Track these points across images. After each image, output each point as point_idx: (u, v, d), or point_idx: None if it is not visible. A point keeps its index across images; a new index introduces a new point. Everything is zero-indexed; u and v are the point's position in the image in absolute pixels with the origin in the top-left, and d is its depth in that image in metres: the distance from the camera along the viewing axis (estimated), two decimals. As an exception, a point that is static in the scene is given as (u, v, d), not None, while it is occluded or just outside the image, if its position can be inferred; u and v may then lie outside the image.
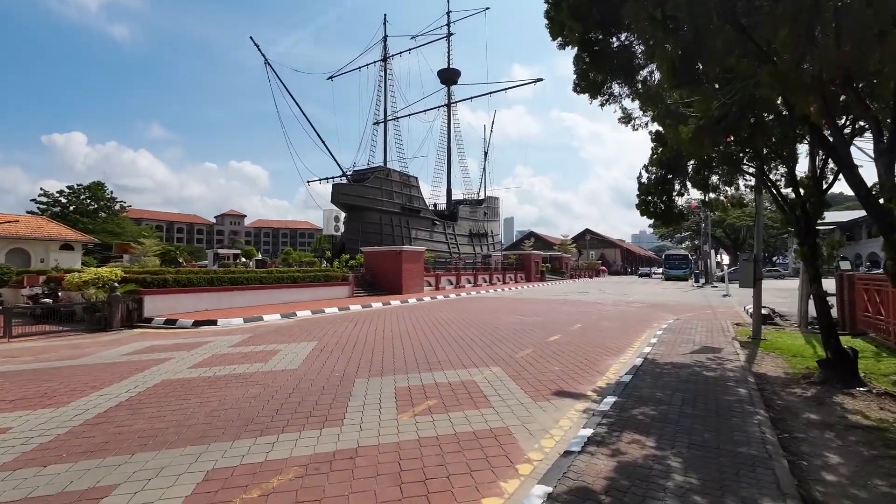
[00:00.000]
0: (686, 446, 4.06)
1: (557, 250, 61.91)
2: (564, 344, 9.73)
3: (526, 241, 78.33)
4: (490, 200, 62.31)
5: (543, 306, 18.27)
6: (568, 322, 13.24)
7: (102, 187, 67.84)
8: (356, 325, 12.62)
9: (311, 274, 20.11)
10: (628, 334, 11.10)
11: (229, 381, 6.58)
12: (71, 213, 62.42)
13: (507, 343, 9.74)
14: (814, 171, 6.82)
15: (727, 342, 9.68)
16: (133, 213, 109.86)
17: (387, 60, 50.84)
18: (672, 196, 7.97)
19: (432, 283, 28.44)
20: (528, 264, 43.16)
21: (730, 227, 67.06)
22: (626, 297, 23.78)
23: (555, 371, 7.28)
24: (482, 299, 22.47)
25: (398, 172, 46.78)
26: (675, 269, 49.21)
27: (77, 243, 31.46)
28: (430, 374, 7.01)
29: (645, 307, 18.05)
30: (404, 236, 44.57)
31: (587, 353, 8.72)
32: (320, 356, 8.34)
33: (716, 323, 12.82)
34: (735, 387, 6.09)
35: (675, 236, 79.39)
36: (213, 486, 3.52)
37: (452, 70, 57.03)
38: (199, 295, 15.38)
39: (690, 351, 8.58)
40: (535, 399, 5.83)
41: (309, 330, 11.60)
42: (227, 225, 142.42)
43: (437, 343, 9.71)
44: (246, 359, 8.12)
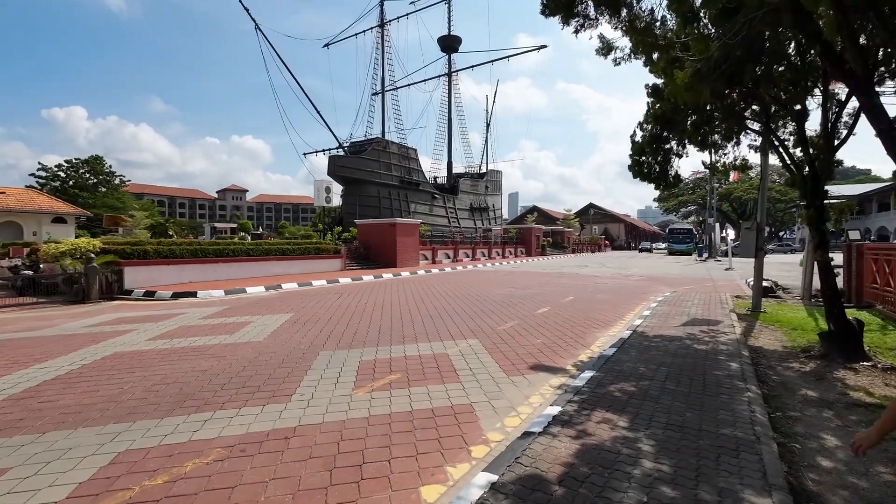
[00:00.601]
0: (663, 427, 3.59)
1: (560, 225, 61.12)
2: (552, 316, 9.27)
3: (529, 215, 77.40)
4: (492, 174, 61.09)
5: (538, 279, 17.79)
6: (560, 294, 12.76)
7: (101, 161, 67.28)
8: (340, 297, 12.20)
9: (302, 246, 19.63)
10: (621, 307, 10.61)
11: (184, 354, 6.16)
12: (70, 188, 62.12)
13: (491, 315, 9.28)
14: (825, 126, 6.13)
15: (724, 314, 9.17)
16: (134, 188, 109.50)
17: (384, 26, 48.94)
18: (669, 157, 7.30)
19: (428, 256, 27.96)
20: (528, 238, 42.54)
21: (737, 201, 65.85)
22: (626, 270, 23.24)
23: (536, 344, 6.82)
24: (477, 273, 22.01)
25: (397, 144, 45.73)
26: (679, 243, 48.48)
27: (70, 216, 31.07)
28: (402, 347, 6.57)
29: (643, 280, 17.52)
30: (403, 209, 43.88)
31: (574, 326, 8.25)
32: (291, 328, 7.92)
33: (714, 295, 12.29)
34: (726, 361, 5.60)
35: (680, 210, 78.24)
36: (117, 469, 3.10)
37: (453, 37, 55.00)
38: (182, 267, 14.97)
39: (683, 323, 8.08)
40: (509, 374, 5.38)
41: (289, 302, 11.20)
42: (229, 200, 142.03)
43: (418, 315, 9.27)
44: (212, 331, 7.72)
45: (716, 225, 39.42)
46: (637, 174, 7.29)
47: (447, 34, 54.22)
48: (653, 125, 6.91)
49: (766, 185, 10.09)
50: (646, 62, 5.76)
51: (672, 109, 6.57)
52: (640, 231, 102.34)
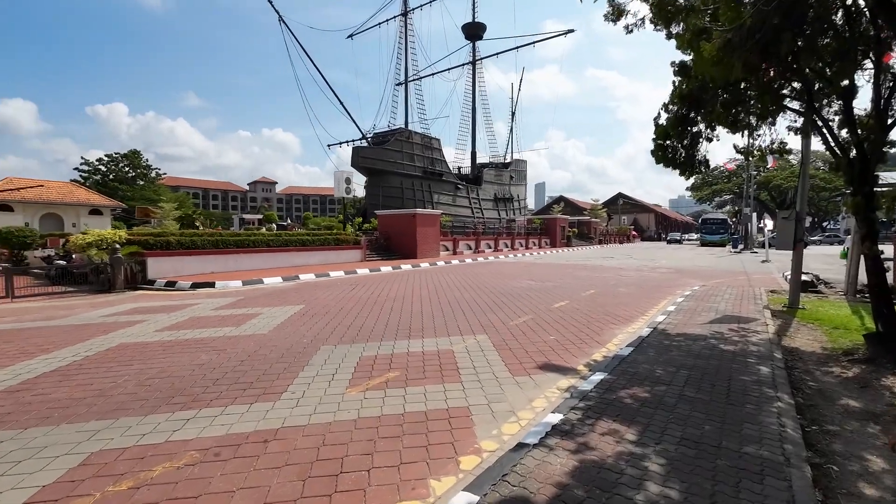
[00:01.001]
0: (676, 442, 3.19)
1: (587, 215, 59.63)
2: (569, 311, 8.83)
3: (555, 205, 75.93)
4: (517, 163, 60.02)
5: (559, 271, 17.24)
6: (581, 288, 12.25)
7: (139, 155, 70.10)
8: (354, 288, 12.08)
9: (322, 237, 19.69)
10: (644, 301, 10.05)
11: (186, 347, 6.10)
12: (110, 181, 65.04)
13: (505, 309, 8.93)
14: (877, 103, 5.44)
15: (757, 311, 8.52)
16: (171, 181, 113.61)
17: (407, 15, 48.41)
18: (696, 140, 6.71)
19: (449, 247, 27.67)
20: (553, 229, 41.65)
21: (776, 189, 62.58)
22: (653, 262, 22.31)
23: (548, 341, 6.45)
24: (498, 264, 21.59)
25: (419, 134, 45.39)
26: (713, 233, 46.41)
27: (106, 208, 32.31)
28: (406, 343, 6.32)
29: (671, 273, 16.72)
30: (426, 200, 43.68)
31: (591, 322, 7.81)
32: (299, 321, 7.80)
33: (748, 290, 11.52)
34: (756, 364, 5.09)
35: (714, 200, 75.09)
36: (85, 472, 2.96)
37: (477, 24, 54.00)
38: (204, 258, 15.21)
39: (710, 321, 7.52)
40: (515, 373, 5.05)
41: (303, 293, 11.14)
42: (260, 192, 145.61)
43: (429, 308, 9.01)
44: (220, 322, 7.68)
45: (752, 215, 37.50)
46: (660, 159, 6.73)
47: (471, 21, 53.22)
48: (679, 106, 6.33)
49: (807, 171, 9.27)
50: (668, 34, 5.23)
51: (700, 87, 5.98)
52: (672, 221, 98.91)
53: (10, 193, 26.33)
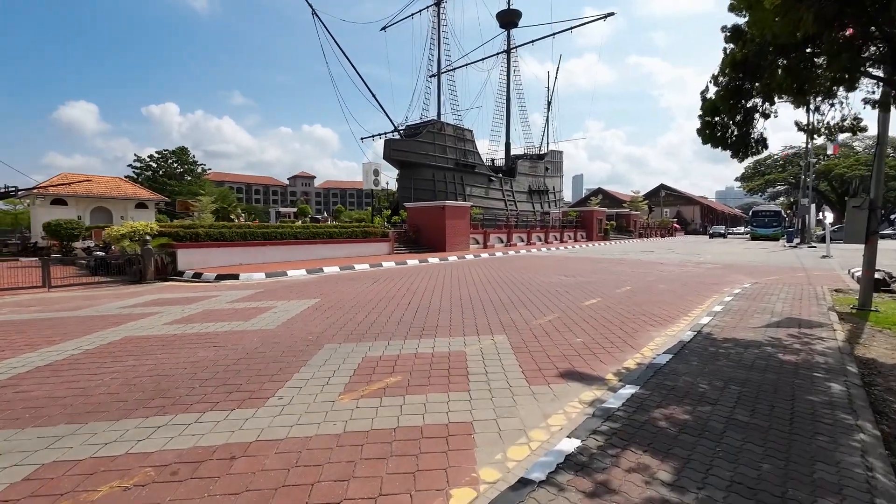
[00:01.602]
0: (725, 487, 2.51)
1: (627, 207, 57.19)
2: (601, 310, 8.07)
3: (592, 197, 73.39)
4: (552, 154, 58.28)
5: (594, 266, 16.27)
6: (615, 284, 11.36)
7: (186, 152, 73.40)
8: (375, 282, 11.72)
9: (350, 230, 19.54)
10: (687, 300, 9.11)
11: (188, 342, 5.86)
12: (160, 177, 68.49)
13: (529, 307, 8.27)
14: None
15: (820, 314, 7.45)
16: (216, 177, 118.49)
17: (440, 4, 47.63)
18: (751, 116, 5.78)
19: (480, 240, 27.00)
20: (589, 222, 40.10)
21: (837, 179, 57.79)
22: (697, 257, 20.80)
23: (574, 344, 5.78)
24: (529, 258, 20.77)
25: (452, 126, 44.69)
26: (765, 227, 43.21)
27: (150, 202, 33.73)
28: (416, 343, 5.82)
29: (717, 268, 15.40)
30: (458, 192, 43.05)
31: (625, 322, 7.04)
32: (310, 315, 7.47)
33: (808, 289, 10.28)
34: (825, 380, 4.24)
35: (767, 190, 70.40)
36: (25, 488, 2.63)
37: (513, 11, 52.57)
38: (231, 250, 15.33)
39: (765, 324, 6.57)
40: (532, 381, 4.44)
41: (323, 286, 10.88)
42: (299, 186, 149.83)
43: (448, 304, 8.48)
44: (231, 316, 7.46)
45: (811, 206, 34.58)
46: (708, 139, 5.85)
47: (506, 9, 51.81)
48: (731, 76, 5.44)
49: (884, 152, 8.01)
50: None
51: (757, 52, 5.08)
52: (719, 214, 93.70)
53: (62, 188, 27.82)
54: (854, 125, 6.65)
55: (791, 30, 4.01)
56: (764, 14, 4.06)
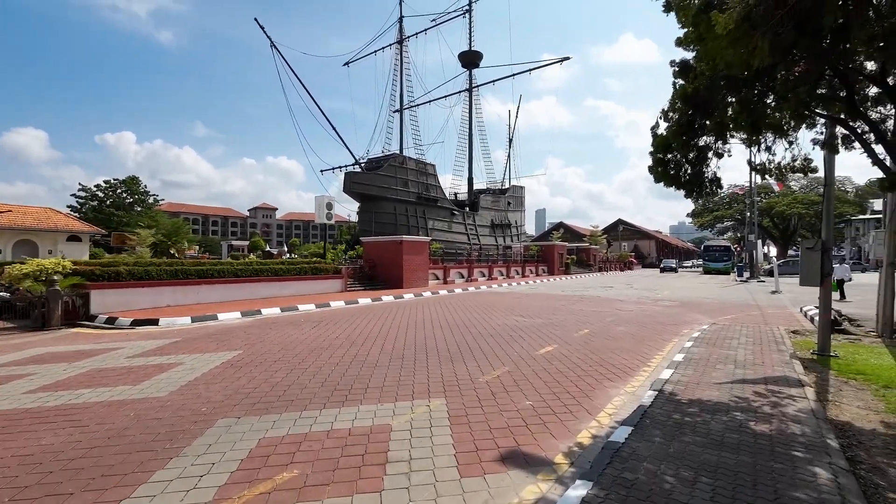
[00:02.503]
0: None
1: (587, 242, 58.37)
2: (557, 359, 7.35)
3: (554, 231, 74.81)
4: (514, 189, 59.23)
5: (553, 304, 15.74)
6: (574, 326, 10.75)
7: (137, 181, 69.86)
8: (316, 326, 10.60)
9: (298, 266, 18.31)
10: (647, 345, 8.56)
11: (41, 420, 4.62)
12: (107, 207, 64.47)
13: (479, 357, 7.44)
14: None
15: (783, 362, 7.01)
16: (171, 208, 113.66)
17: (403, 42, 48.57)
18: (705, 154, 5.39)
19: (440, 276, 26.22)
20: (550, 256, 40.29)
21: (779, 216, 61.51)
22: (655, 293, 20.80)
23: (523, 410, 4.96)
24: (488, 295, 20.11)
25: (414, 160, 44.67)
26: (716, 261, 44.84)
27: (85, 234, 31.13)
28: (335, 412, 4.83)
29: (675, 306, 15.21)
30: (420, 226, 42.56)
31: (582, 376, 6.32)
32: (219, 375, 6.32)
33: (765, 330, 10.01)
34: (808, 462, 3.59)
35: (716, 226, 74.06)
36: None
37: (474, 52, 54.15)
38: (159, 289, 13.79)
39: (730, 379, 6.00)
40: (465, 471, 3.57)
41: (252, 334, 9.67)
42: (260, 218, 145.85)
43: (388, 355, 7.52)
44: (120, 378, 6.20)
45: (757, 242, 36.17)
46: (661, 177, 5.40)
47: (468, 49, 53.38)
48: (681, 110, 5.06)
49: (832, 193, 7.94)
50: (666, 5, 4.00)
51: (707, 87, 4.71)
52: (673, 248, 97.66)
53: (-21, 219, 25.17)
54: (805, 166, 6.42)
55: (745, 59, 3.57)
56: (716, 43, 3.63)
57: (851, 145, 5.95)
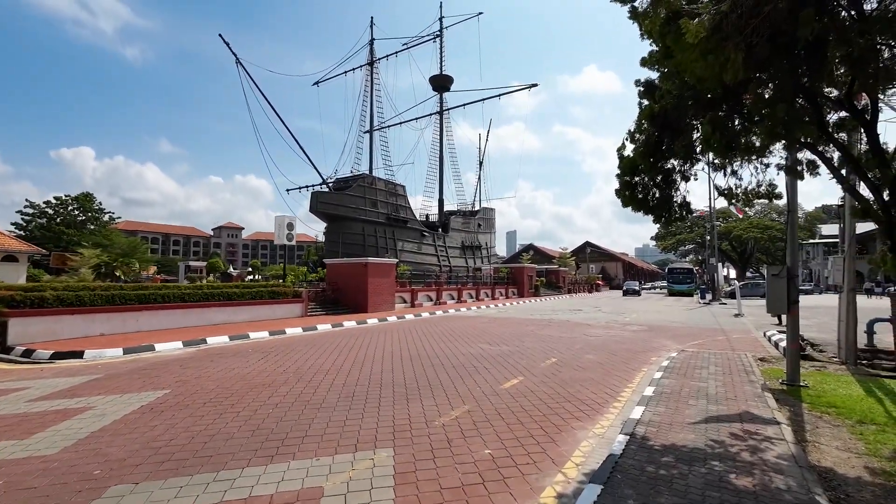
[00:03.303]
0: None
1: (556, 263, 58.91)
2: (523, 394, 6.80)
3: (524, 254, 75.37)
4: (484, 211, 59.52)
5: (521, 329, 15.29)
6: (541, 354, 10.27)
7: (91, 198, 66.21)
8: (264, 358, 9.69)
9: (254, 290, 17.22)
10: (616, 376, 8.14)
11: None
12: (56, 225, 60.50)
13: (438, 393, 6.80)
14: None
15: (755, 394, 6.70)
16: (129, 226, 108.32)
17: (373, 64, 48.69)
18: (672, 177, 5.09)
19: (407, 299, 25.46)
20: (520, 278, 40.20)
21: (736, 240, 64.12)
22: (623, 316, 20.73)
23: (481, 460, 4.35)
24: (455, 319, 19.50)
25: (383, 181, 44.21)
26: (680, 283, 45.99)
27: (22, 254, 28.76)
28: (259, 471, 4.08)
29: (643, 331, 15.03)
30: (389, 247, 41.83)
31: (548, 415, 5.78)
32: (131, 423, 5.42)
33: (733, 358, 9.82)
34: (798, 525, 3.13)
35: (678, 249, 76.52)
36: None
37: (445, 76, 54.91)
38: (92, 317, 12.50)
39: (704, 417, 5.59)
40: (403, 553, 2.90)
41: (189, 368, 8.69)
42: (225, 237, 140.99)
43: (337, 394, 6.77)
44: (9, 429, 5.20)
45: (718, 265, 37.27)
46: (628, 201, 5.06)
47: (439, 73, 54.06)
48: (648, 130, 4.75)
49: (795, 220, 7.88)
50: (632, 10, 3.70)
51: (675, 106, 4.42)
52: (638, 269, 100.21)
53: None
54: (769, 191, 6.25)
55: (717, 73, 3.24)
56: (685, 55, 3.30)
57: (816, 171, 5.79)
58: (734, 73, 3.17)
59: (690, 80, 3.49)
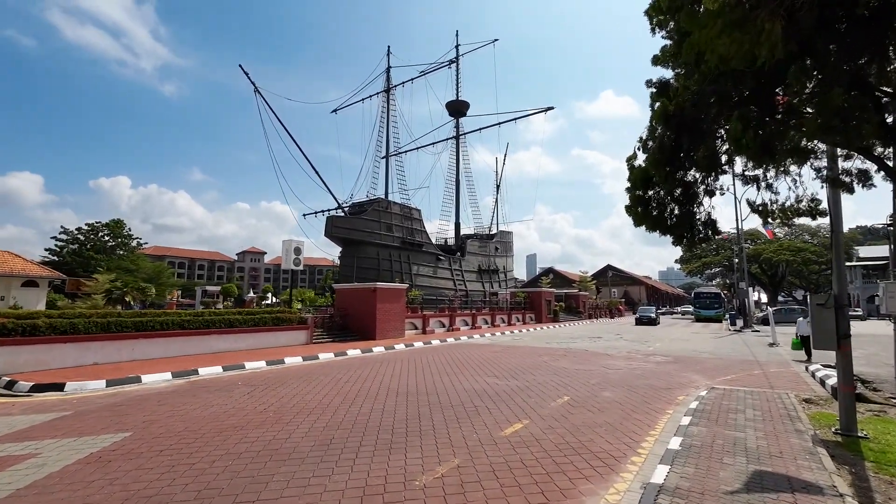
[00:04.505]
0: None
1: (576, 287, 57.21)
2: (525, 443, 5.87)
3: (544, 277, 73.79)
4: (502, 235, 58.66)
5: (534, 360, 14.23)
6: (553, 391, 9.27)
7: (121, 225, 68.20)
8: (250, 393, 8.98)
9: (257, 317, 16.71)
10: (636, 419, 7.10)
11: None
12: (87, 251, 62.32)
13: (428, 440, 5.92)
14: None
15: (805, 449, 5.60)
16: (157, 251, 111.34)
17: (390, 91, 49.38)
18: (691, 189, 4.27)
19: (418, 325, 24.59)
20: (538, 303, 38.89)
21: (766, 262, 61.28)
22: (646, 345, 19.37)
23: (458, 544, 3.46)
24: (466, 347, 18.51)
25: (399, 205, 44.04)
26: (707, 308, 43.77)
27: (43, 279, 29.26)
28: (183, 555, 3.29)
29: (668, 363, 13.78)
30: (404, 271, 41.30)
31: (554, 472, 4.85)
32: (67, 478, 4.73)
33: (773, 398, 8.62)
34: None
35: (704, 272, 73.70)
36: None
37: (461, 102, 55.32)
38: (86, 345, 12.10)
39: (744, 484, 4.56)
40: None
41: (165, 404, 8.04)
42: (248, 262, 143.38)
43: (313, 440, 5.97)
44: (-70, 483, 4.59)
45: (748, 289, 35.27)
46: (641, 219, 4.23)
47: (455, 99, 54.46)
48: (663, 135, 3.97)
49: (840, 241, 6.85)
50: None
51: (694, 103, 3.64)
52: (663, 293, 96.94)
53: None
54: (812, 207, 5.36)
55: (746, 50, 2.46)
56: (705, 32, 2.54)
57: (869, 183, 4.88)
58: (771, 49, 2.39)
59: (712, 63, 2.73)
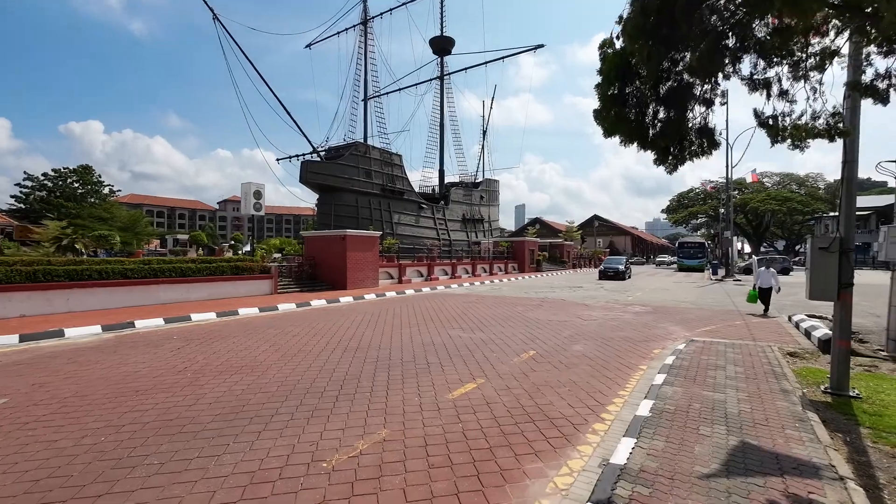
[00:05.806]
0: None
1: (562, 237, 56.67)
2: (474, 406, 5.02)
3: (530, 227, 73.12)
4: (487, 183, 56.99)
5: (508, 310, 13.47)
6: (519, 344, 8.47)
7: (90, 171, 64.70)
8: (180, 349, 8.00)
9: (213, 265, 15.53)
10: (605, 378, 6.31)
11: None
12: (55, 199, 59.23)
13: (361, 403, 5.03)
14: None
15: (793, 415, 4.84)
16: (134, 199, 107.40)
17: (367, 23, 45.57)
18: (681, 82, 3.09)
19: (394, 275, 23.71)
20: (521, 253, 38.22)
21: (752, 212, 61.16)
22: (626, 294, 18.81)
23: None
24: (439, 297, 17.74)
25: (378, 149, 41.86)
26: (690, 258, 43.69)
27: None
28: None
29: (646, 313, 13.14)
30: (385, 220, 39.97)
31: (497, 447, 3.99)
32: None
33: (756, 351, 7.92)
34: None
35: (690, 222, 73.68)
36: None
37: (445, 38, 51.62)
38: (9, 295, 10.91)
39: (722, 464, 3.74)
40: None
41: (75, 362, 7.04)
42: (230, 211, 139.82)
43: (223, 404, 5.03)
44: None
45: (733, 238, 34.87)
46: (614, 125, 3.01)
47: (439, 35, 50.70)
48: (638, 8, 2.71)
49: (854, 173, 5.80)
50: None
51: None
52: (648, 244, 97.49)
53: None
54: (830, 126, 4.21)
55: None
56: None
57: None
58: None
59: None
